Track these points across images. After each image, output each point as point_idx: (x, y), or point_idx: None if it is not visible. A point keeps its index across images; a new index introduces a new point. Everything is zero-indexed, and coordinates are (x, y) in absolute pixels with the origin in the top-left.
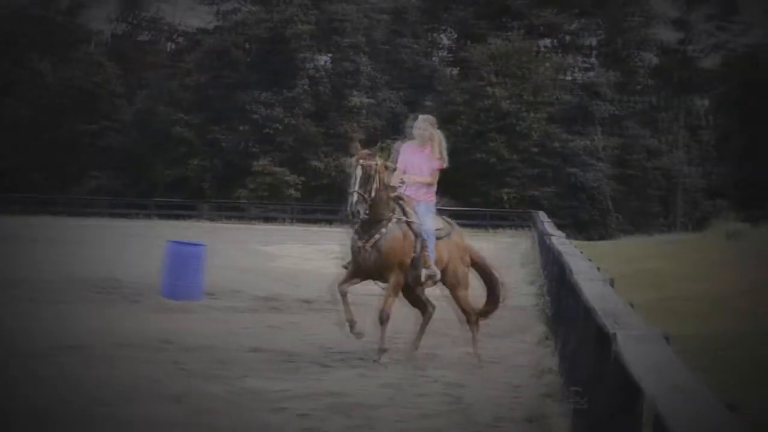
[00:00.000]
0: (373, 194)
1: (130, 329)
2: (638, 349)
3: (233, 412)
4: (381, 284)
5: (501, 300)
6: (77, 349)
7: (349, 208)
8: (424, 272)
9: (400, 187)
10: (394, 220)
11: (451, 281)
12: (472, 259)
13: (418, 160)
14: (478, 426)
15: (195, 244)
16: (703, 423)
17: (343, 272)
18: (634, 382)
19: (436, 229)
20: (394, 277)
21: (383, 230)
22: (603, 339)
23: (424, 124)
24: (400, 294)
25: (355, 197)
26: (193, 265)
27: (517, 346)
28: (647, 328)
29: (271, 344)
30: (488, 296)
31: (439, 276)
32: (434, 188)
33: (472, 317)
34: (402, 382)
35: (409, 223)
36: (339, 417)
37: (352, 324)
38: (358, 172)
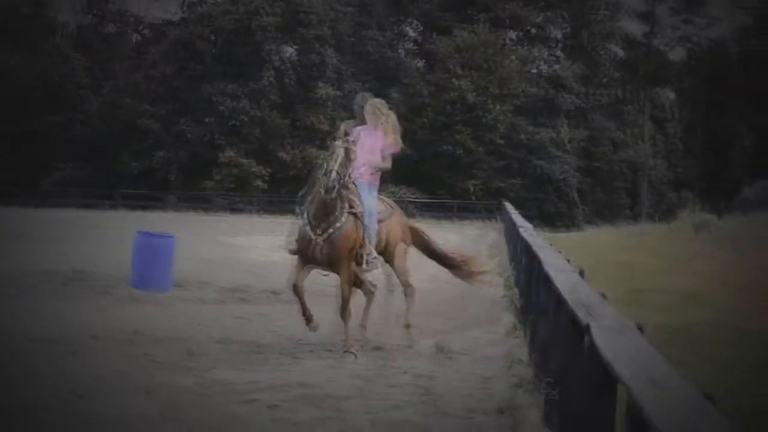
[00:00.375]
0: (347, 178)
1: (100, 321)
2: (613, 340)
3: (203, 404)
4: (322, 271)
5: (461, 260)
6: (45, 342)
7: (326, 184)
8: (364, 257)
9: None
10: (345, 212)
11: (390, 254)
12: (420, 241)
13: (369, 143)
14: (449, 417)
15: (165, 236)
16: (681, 413)
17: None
18: (610, 372)
19: (377, 212)
20: (346, 271)
21: (337, 224)
22: (576, 330)
23: (372, 108)
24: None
25: (334, 175)
26: (162, 256)
27: (486, 337)
28: (621, 319)
29: (240, 335)
30: (453, 268)
31: (378, 262)
32: (380, 172)
33: (407, 288)
34: (371, 373)
35: (356, 215)
36: (309, 408)
37: (308, 320)
38: (341, 153)
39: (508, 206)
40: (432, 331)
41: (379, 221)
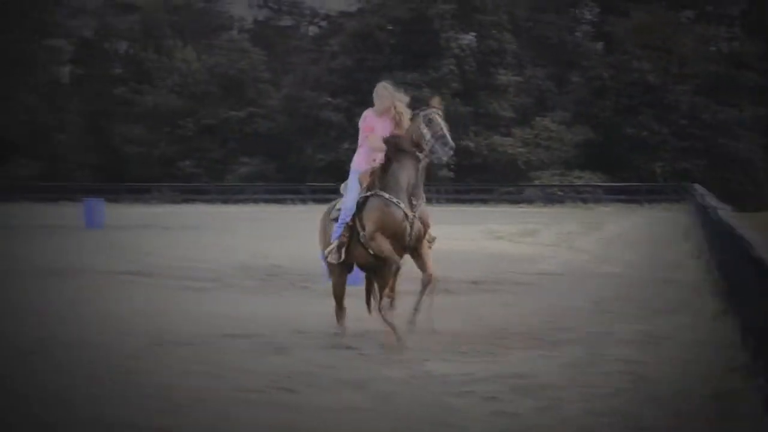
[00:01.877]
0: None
1: (302, 316)
2: None
3: (419, 397)
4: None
5: None
6: (249, 337)
7: (449, 146)
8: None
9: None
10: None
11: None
12: None
13: (381, 128)
14: (664, 404)
15: None
16: None
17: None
18: None
19: None
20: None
21: (423, 197)
22: None
23: (384, 92)
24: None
25: (450, 137)
26: None
27: (691, 321)
28: None
29: (446, 326)
30: None
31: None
32: None
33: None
34: (581, 361)
35: None
36: (526, 399)
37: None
38: (441, 118)
39: (698, 188)
40: (633, 317)
41: None
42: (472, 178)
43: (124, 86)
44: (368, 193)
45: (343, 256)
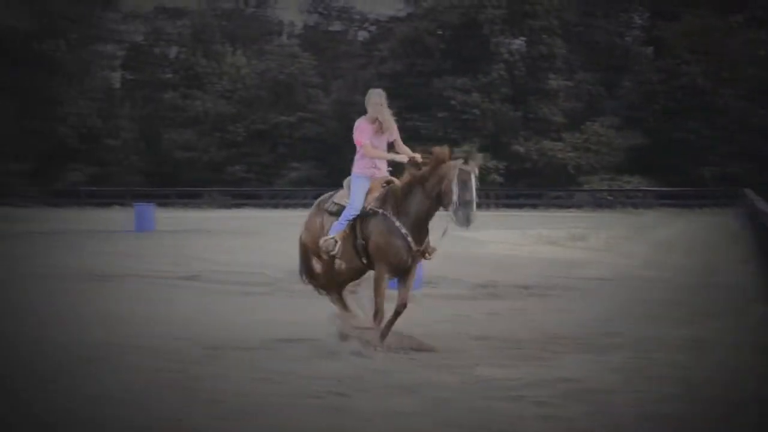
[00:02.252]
0: None
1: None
2: None
3: (469, 402)
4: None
5: None
6: (302, 341)
7: (470, 217)
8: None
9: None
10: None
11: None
12: None
13: (374, 135)
14: (715, 409)
15: None
16: None
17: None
18: None
19: None
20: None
21: (428, 233)
22: None
23: (377, 99)
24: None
25: (475, 207)
26: None
27: (741, 325)
28: None
29: (497, 332)
30: None
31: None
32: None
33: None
34: (631, 365)
35: None
36: (577, 404)
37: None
38: (474, 178)
39: (749, 192)
40: (682, 321)
41: None
42: (521, 183)
43: (175, 91)
44: (380, 210)
45: (337, 250)
